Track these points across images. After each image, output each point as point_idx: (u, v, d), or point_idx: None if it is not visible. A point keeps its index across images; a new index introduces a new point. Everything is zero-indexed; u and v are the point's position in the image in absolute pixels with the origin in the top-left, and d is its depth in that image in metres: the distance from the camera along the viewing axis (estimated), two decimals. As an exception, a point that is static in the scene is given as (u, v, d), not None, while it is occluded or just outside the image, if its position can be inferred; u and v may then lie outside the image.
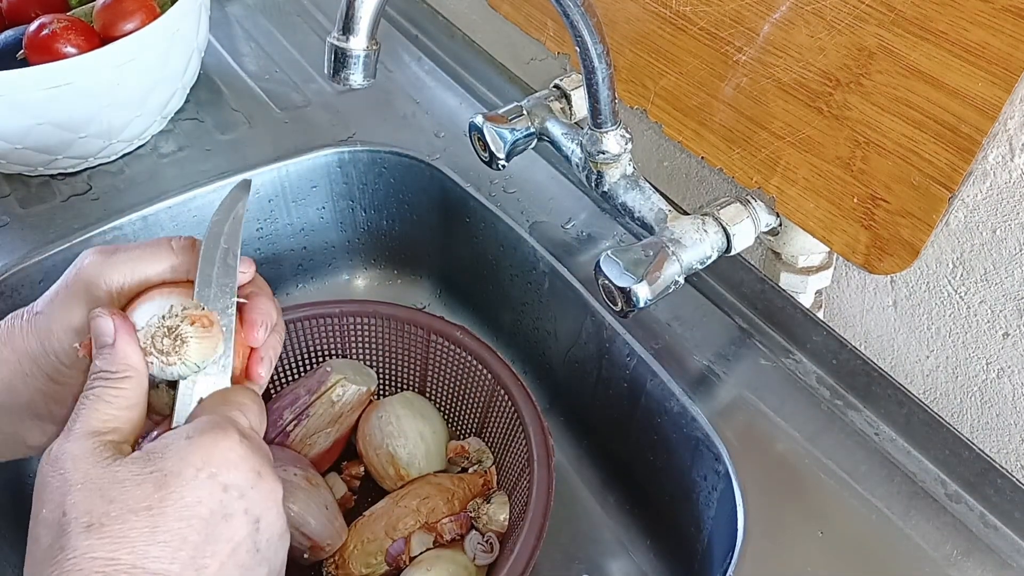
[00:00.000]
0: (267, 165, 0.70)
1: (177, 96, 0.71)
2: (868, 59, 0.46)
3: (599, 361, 0.61)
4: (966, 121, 0.43)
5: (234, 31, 0.85)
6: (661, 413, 0.56)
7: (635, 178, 0.56)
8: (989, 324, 0.53)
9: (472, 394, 0.62)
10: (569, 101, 0.62)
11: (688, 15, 0.54)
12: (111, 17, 0.64)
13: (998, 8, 0.40)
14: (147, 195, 0.66)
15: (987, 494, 0.49)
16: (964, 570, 0.47)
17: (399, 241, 0.78)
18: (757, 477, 0.50)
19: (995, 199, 0.48)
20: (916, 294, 0.56)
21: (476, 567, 0.55)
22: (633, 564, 0.61)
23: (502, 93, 0.75)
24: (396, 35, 0.84)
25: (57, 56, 0.62)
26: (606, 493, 0.65)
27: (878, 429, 0.53)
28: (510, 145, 0.60)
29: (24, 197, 0.67)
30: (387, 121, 0.75)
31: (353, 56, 0.43)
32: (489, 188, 0.69)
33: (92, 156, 0.67)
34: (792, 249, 0.57)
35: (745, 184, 0.55)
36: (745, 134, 0.54)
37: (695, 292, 0.61)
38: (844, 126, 0.48)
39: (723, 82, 0.54)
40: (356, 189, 0.74)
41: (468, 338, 0.61)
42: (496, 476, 0.60)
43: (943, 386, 0.58)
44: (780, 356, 0.57)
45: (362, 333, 0.64)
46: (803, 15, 0.48)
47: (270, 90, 0.77)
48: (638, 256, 0.50)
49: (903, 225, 0.47)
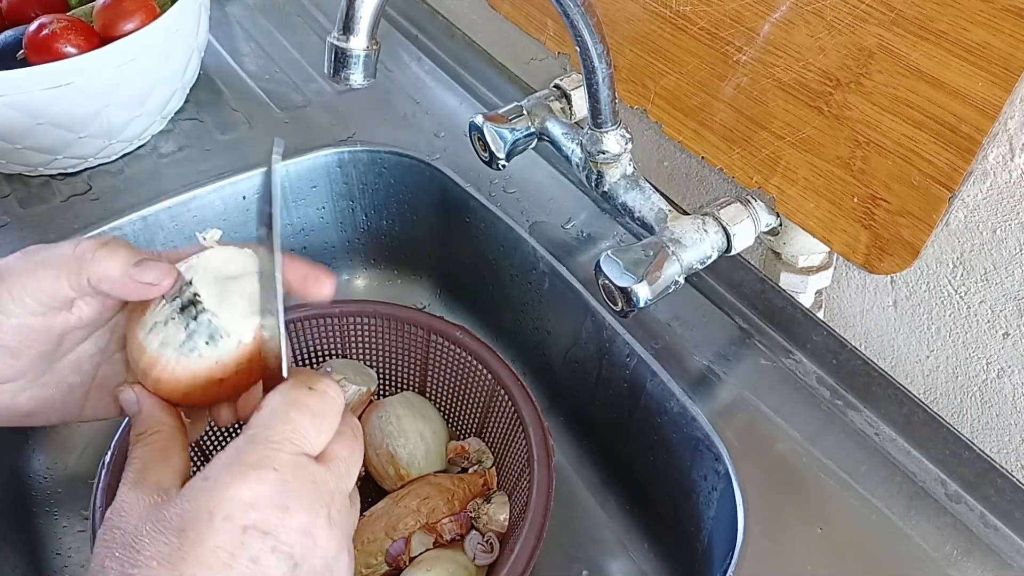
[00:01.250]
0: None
1: (177, 96, 0.71)
2: (868, 59, 0.46)
3: (599, 361, 0.61)
4: (966, 121, 0.43)
5: (234, 31, 0.85)
6: (661, 413, 0.56)
7: (635, 178, 0.56)
8: (989, 324, 0.53)
9: (472, 394, 0.62)
10: (569, 101, 0.62)
11: (688, 15, 0.54)
12: (111, 17, 0.64)
13: (998, 8, 0.40)
14: (147, 195, 0.66)
15: (987, 494, 0.49)
16: (964, 570, 0.47)
17: (399, 241, 0.78)
18: (757, 477, 0.50)
19: (995, 199, 0.48)
20: (916, 294, 0.56)
21: (476, 567, 0.55)
22: (633, 564, 0.61)
23: (502, 93, 0.75)
24: (396, 35, 0.84)
25: (57, 56, 0.62)
26: (606, 493, 0.65)
27: (878, 429, 0.53)
28: (510, 145, 0.60)
29: (24, 197, 0.67)
30: (387, 121, 0.75)
31: (353, 56, 0.43)
32: (489, 188, 0.69)
33: (92, 156, 0.67)
34: (792, 249, 0.57)
35: (745, 184, 0.55)
36: (745, 134, 0.54)
37: (695, 292, 0.61)
38: (844, 126, 0.48)
39: (723, 82, 0.54)
40: (356, 189, 0.74)
41: (468, 338, 0.60)
42: (496, 476, 0.60)
43: (943, 386, 0.58)
44: (780, 356, 0.57)
45: (362, 333, 0.64)
46: (803, 15, 0.48)
47: (270, 90, 0.77)
48: (638, 256, 0.50)
49: (903, 225, 0.47)
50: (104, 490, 0.49)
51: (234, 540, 0.31)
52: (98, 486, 0.49)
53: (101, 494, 0.49)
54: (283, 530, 0.32)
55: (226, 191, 0.68)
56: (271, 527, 0.31)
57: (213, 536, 0.30)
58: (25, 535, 0.59)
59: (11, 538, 0.57)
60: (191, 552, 0.30)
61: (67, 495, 0.62)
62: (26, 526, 0.60)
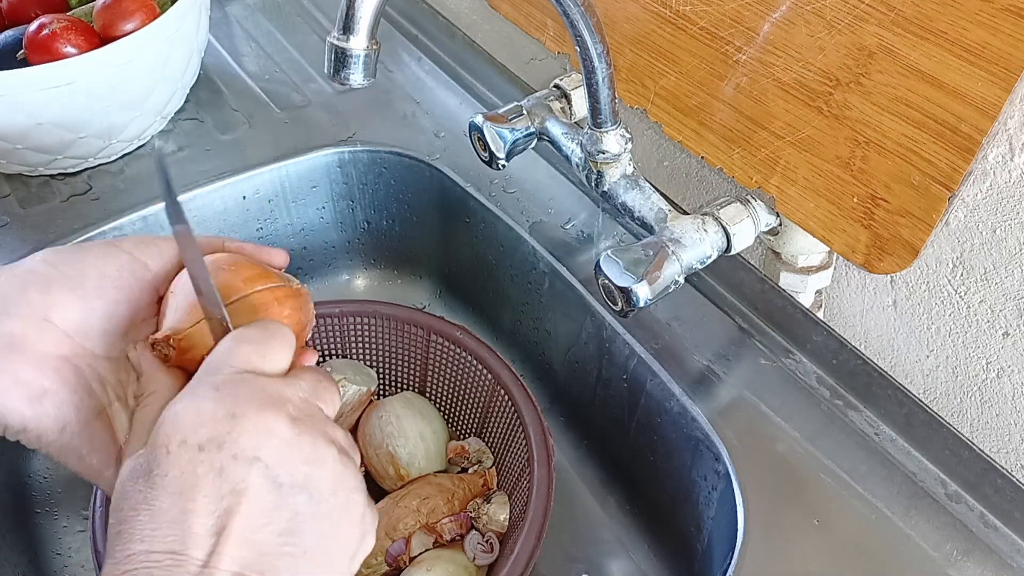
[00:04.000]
0: (267, 165, 0.70)
1: (177, 96, 0.71)
2: (868, 59, 0.46)
3: (599, 361, 0.61)
4: (966, 121, 0.43)
5: (234, 31, 0.85)
6: (661, 413, 0.56)
7: (635, 178, 0.56)
8: (989, 324, 0.53)
9: (472, 394, 0.62)
10: (569, 101, 0.62)
11: (688, 15, 0.54)
12: (111, 17, 0.64)
13: (998, 8, 0.40)
14: (147, 195, 0.66)
15: (987, 494, 0.49)
16: (964, 570, 0.47)
17: (399, 241, 0.78)
18: (757, 477, 0.50)
19: (995, 199, 0.48)
20: (916, 294, 0.56)
21: (476, 567, 0.55)
22: (633, 564, 0.61)
23: (502, 93, 0.75)
24: (396, 35, 0.84)
25: (57, 56, 0.62)
26: (606, 493, 0.65)
27: (878, 429, 0.53)
28: (510, 145, 0.60)
29: (24, 197, 0.67)
30: (387, 121, 0.75)
31: (353, 56, 0.43)
32: (489, 188, 0.69)
33: (92, 156, 0.67)
34: (792, 249, 0.57)
35: (745, 184, 0.55)
36: (745, 134, 0.54)
37: (695, 292, 0.61)
38: (844, 126, 0.48)
39: (723, 82, 0.54)
40: (356, 189, 0.74)
41: (468, 338, 0.60)
42: (496, 476, 0.60)
43: (943, 386, 0.58)
44: (780, 356, 0.57)
45: (362, 333, 0.64)
46: (803, 15, 0.48)
47: (270, 90, 0.77)
48: (638, 256, 0.50)
49: (903, 225, 0.47)
50: (104, 491, 0.49)
51: (193, 460, 0.30)
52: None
53: (101, 494, 0.49)
54: (238, 435, 0.31)
55: (226, 191, 0.68)
56: (224, 437, 0.31)
57: (174, 465, 0.30)
58: (25, 535, 0.59)
59: (11, 538, 0.57)
60: (160, 487, 0.30)
61: (67, 495, 0.62)
62: (26, 526, 0.60)
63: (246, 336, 0.35)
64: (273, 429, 0.32)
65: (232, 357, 0.34)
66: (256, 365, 0.34)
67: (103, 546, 0.46)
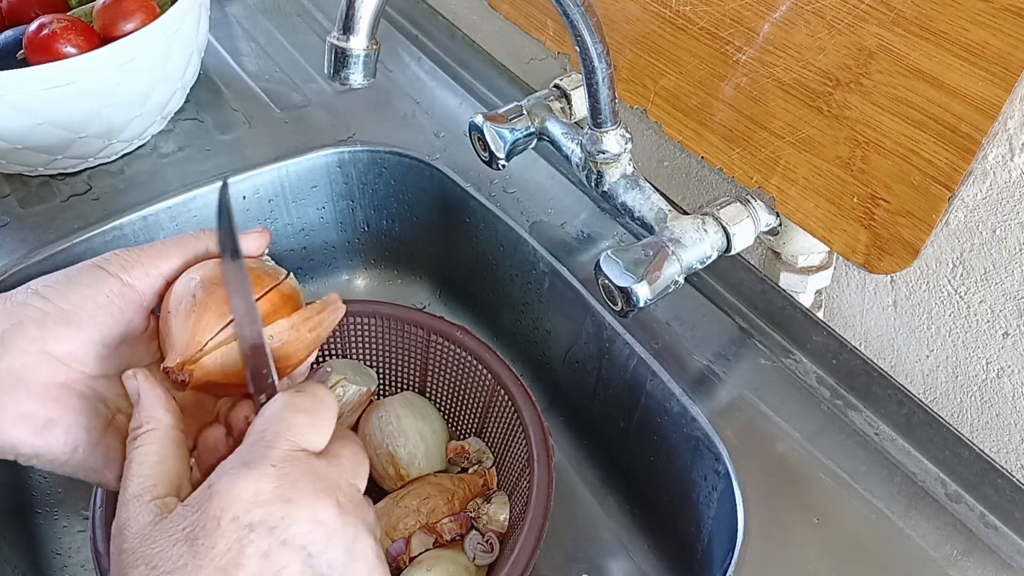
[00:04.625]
0: (267, 165, 0.70)
1: (177, 96, 0.71)
2: (868, 59, 0.46)
3: (599, 361, 0.61)
4: (966, 121, 0.43)
5: (234, 31, 0.85)
6: (661, 413, 0.56)
7: (635, 178, 0.56)
8: (989, 324, 0.53)
9: (472, 394, 0.62)
10: (569, 101, 0.62)
11: (688, 15, 0.54)
12: (111, 17, 0.64)
13: (998, 8, 0.40)
14: (147, 195, 0.66)
15: (987, 494, 0.49)
16: (964, 570, 0.47)
17: (399, 241, 0.78)
18: (757, 477, 0.50)
19: (995, 199, 0.48)
20: (916, 294, 0.56)
21: (476, 567, 0.55)
22: (633, 564, 0.61)
23: (502, 93, 0.75)
24: (396, 35, 0.84)
25: (57, 56, 0.61)
26: (606, 493, 0.65)
27: (878, 429, 0.53)
28: (510, 145, 0.60)
29: (24, 197, 0.67)
30: (387, 121, 0.75)
31: (353, 56, 0.43)
32: (489, 188, 0.69)
33: (92, 156, 0.67)
34: (792, 249, 0.57)
35: (745, 184, 0.55)
36: (745, 134, 0.54)
37: (695, 292, 0.61)
38: (844, 126, 0.48)
39: (723, 82, 0.54)
40: (356, 189, 0.74)
41: (468, 338, 0.60)
42: (496, 476, 0.60)
43: (943, 386, 0.58)
44: (780, 356, 0.57)
45: (362, 333, 0.64)
46: (803, 15, 0.48)
47: (270, 90, 0.77)
48: (638, 256, 0.50)
49: (903, 225, 0.47)
50: (104, 490, 0.49)
51: (243, 539, 0.31)
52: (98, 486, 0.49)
53: (101, 494, 0.49)
54: (290, 522, 0.32)
55: (226, 191, 0.68)
56: (277, 521, 0.32)
57: (223, 539, 0.31)
58: (25, 535, 0.59)
59: (11, 538, 0.57)
60: (205, 558, 0.30)
61: (67, 495, 0.62)
62: (26, 526, 0.60)
63: (299, 405, 0.36)
64: (322, 519, 0.33)
65: (288, 429, 0.34)
66: (308, 440, 0.35)
67: (103, 546, 0.46)
